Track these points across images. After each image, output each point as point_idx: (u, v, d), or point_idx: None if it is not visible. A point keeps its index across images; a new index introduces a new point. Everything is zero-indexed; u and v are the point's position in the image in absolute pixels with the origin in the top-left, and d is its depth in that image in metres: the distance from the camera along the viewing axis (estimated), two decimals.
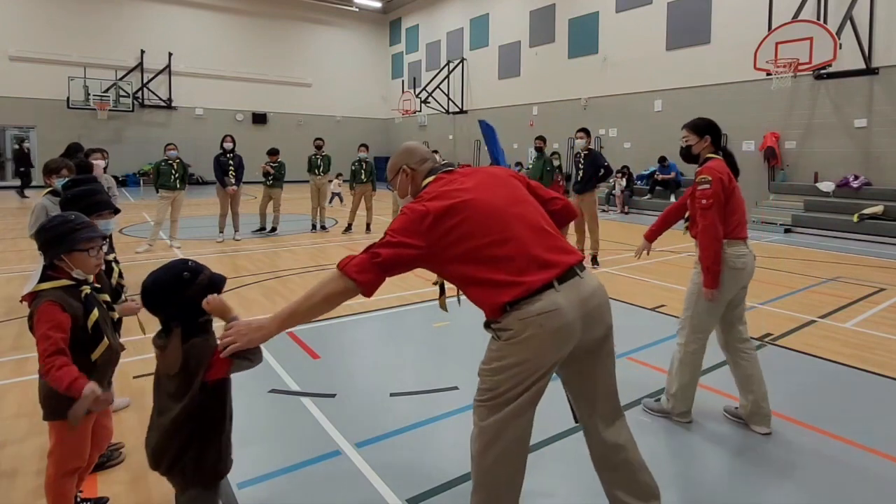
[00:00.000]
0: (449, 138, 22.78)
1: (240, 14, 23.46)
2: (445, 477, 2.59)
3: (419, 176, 2.13)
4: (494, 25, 20.58)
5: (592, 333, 1.90)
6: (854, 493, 2.51)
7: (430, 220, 1.83)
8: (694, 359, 3.07)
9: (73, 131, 18.54)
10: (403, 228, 1.86)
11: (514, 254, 1.82)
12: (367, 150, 10.61)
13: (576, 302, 1.81)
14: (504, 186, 2.00)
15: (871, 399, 3.51)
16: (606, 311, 1.95)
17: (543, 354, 1.78)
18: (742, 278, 3.01)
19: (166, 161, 8.55)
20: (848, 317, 5.26)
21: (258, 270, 7.12)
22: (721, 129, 3.18)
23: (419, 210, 1.87)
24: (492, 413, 1.84)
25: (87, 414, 2.09)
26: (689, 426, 3.12)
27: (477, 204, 1.87)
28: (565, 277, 1.83)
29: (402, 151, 2.18)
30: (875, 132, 11.08)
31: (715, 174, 2.94)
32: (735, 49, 12.81)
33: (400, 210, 1.98)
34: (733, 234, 3.00)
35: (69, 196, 2.56)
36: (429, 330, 4.88)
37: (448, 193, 1.91)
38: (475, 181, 1.97)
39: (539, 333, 1.75)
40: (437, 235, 1.84)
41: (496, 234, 1.83)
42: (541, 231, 1.91)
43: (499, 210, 1.88)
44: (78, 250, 2.04)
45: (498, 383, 1.84)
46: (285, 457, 2.76)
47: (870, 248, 9.33)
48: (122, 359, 3.69)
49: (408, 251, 1.84)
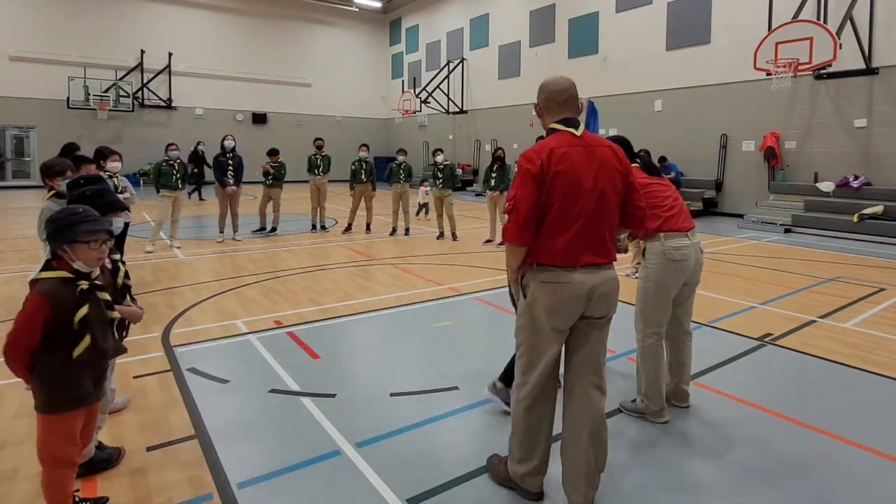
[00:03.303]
0: (449, 138, 22.79)
1: (240, 14, 23.46)
2: (445, 477, 2.59)
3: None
4: (494, 25, 20.59)
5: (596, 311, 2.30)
6: (854, 493, 2.51)
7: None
8: (653, 352, 3.13)
9: (73, 131, 18.56)
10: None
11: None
12: (367, 150, 10.60)
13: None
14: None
15: (871, 399, 3.50)
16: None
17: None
18: (684, 270, 3.06)
19: (167, 161, 8.55)
20: (848, 317, 5.26)
21: (258, 270, 7.12)
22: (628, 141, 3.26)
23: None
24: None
25: (74, 411, 2.13)
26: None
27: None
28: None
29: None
30: (875, 132, 11.08)
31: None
32: (735, 49, 12.82)
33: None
34: (667, 227, 3.05)
35: (85, 193, 2.54)
36: (429, 330, 4.88)
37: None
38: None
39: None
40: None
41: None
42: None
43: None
44: (79, 242, 2.08)
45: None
46: (285, 457, 2.76)
47: (870, 248, 9.32)
48: (122, 359, 3.70)
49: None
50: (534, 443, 2.40)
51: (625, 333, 4.72)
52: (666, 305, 3.11)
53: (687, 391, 3.34)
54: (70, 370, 2.08)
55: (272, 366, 3.93)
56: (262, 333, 4.65)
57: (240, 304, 5.53)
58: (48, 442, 2.11)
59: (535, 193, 2.22)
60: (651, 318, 3.13)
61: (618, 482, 2.58)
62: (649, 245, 3.13)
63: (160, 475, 2.58)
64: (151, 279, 6.58)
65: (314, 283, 6.50)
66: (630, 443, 2.94)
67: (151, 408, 3.28)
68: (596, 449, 2.32)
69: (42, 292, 2.02)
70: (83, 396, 2.14)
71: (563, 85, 2.38)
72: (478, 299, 5.75)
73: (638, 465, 2.72)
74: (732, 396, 3.47)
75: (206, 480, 2.55)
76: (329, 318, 5.10)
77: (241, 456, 2.78)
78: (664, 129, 14.46)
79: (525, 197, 2.22)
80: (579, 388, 2.35)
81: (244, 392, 3.53)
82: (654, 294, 3.09)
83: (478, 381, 3.60)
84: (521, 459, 2.41)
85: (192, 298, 5.74)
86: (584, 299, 2.26)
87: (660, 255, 3.05)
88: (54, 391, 2.08)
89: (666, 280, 3.05)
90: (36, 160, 19.13)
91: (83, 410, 2.17)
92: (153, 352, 4.20)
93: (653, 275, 3.09)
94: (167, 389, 3.54)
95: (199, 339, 4.50)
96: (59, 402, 2.09)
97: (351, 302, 5.64)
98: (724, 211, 13.57)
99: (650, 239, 3.12)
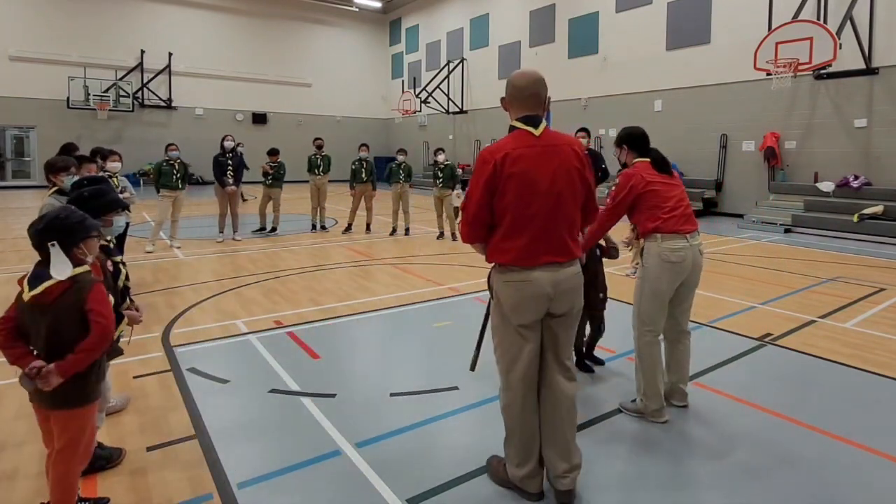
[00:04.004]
0: (449, 138, 22.78)
1: (240, 14, 23.46)
2: (445, 477, 2.59)
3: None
4: (494, 25, 20.58)
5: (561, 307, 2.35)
6: (854, 493, 2.51)
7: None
8: (650, 351, 3.14)
9: (73, 131, 18.56)
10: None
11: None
12: (367, 150, 10.60)
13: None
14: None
15: (871, 399, 3.50)
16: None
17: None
18: (681, 272, 3.07)
19: (168, 161, 8.55)
20: (848, 317, 5.26)
21: (258, 270, 7.12)
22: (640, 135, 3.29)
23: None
24: None
25: (92, 404, 2.18)
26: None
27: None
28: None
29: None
30: (875, 132, 11.08)
31: (624, 178, 3.18)
32: (735, 49, 12.81)
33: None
34: (666, 229, 3.05)
35: (83, 195, 2.54)
36: (429, 330, 4.88)
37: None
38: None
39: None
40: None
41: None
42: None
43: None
44: (92, 236, 2.19)
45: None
46: (285, 457, 2.76)
47: (870, 248, 9.32)
48: (123, 359, 3.70)
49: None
50: (529, 445, 2.42)
51: (624, 333, 4.73)
52: (661, 305, 3.13)
53: (685, 390, 3.35)
54: (104, 360, 2.23)
55: (272, 366, 3.93)
56: (262, 333, 4.65)
57: (240, 304, 5.53)
58: (88, 433, 2.18)
59: (484, 195, 2.26)
60: (647, 318, 3.15)
61: (616, 480, 2.58)
62: (647, 245, 3.15)
63: (160, 475, 2.58)
64: (151, 279, 6.58)
65: (314, 283, 6.50)
66: (629, 442, 2.94)
67: (151, 408, 3.28)
68: (567, 427, 2.41)
69: (99, 282, 2.16)
70: (101, 380, 2.25)
71: (524, 82, 2.34)
72: (478, 299, 5.75)
73: (636, 465, 2.72)
74: (732, 396, 3.47)
75: (206, 480, 2.55)
76: (329, 318, 5.10)
77: (241, 456, 2.78)
78: (664, 129, 14.45)
79: (474, 197, 2.28)
80: (550, 379, 2.41)
81: (244, 392, 3.53)
82: (650, 294, 3.11)
83: (478, 381, 3.60)
84: (520, 463, 2.42)
85: (192, 298, 5.73)
86: (546, 297, 2.29)
87: (656, 257, 3.07)
88: (93, 381, 2.16)
89: (661, 281, 3.07)
90: (36, 160, 19.15)
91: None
92: (153, 352, 4.20)
93: (649, 275, 3.11)
94: (167, 389, 3.54)
95: (199, 339, 4.50)
96: (96, 388, 2.19)
97: (351, 302, 5.64)
98: (724, 211, 13.57)
99: (648, 239, 3.13)
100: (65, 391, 2.06)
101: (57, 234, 2.09)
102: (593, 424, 3.13)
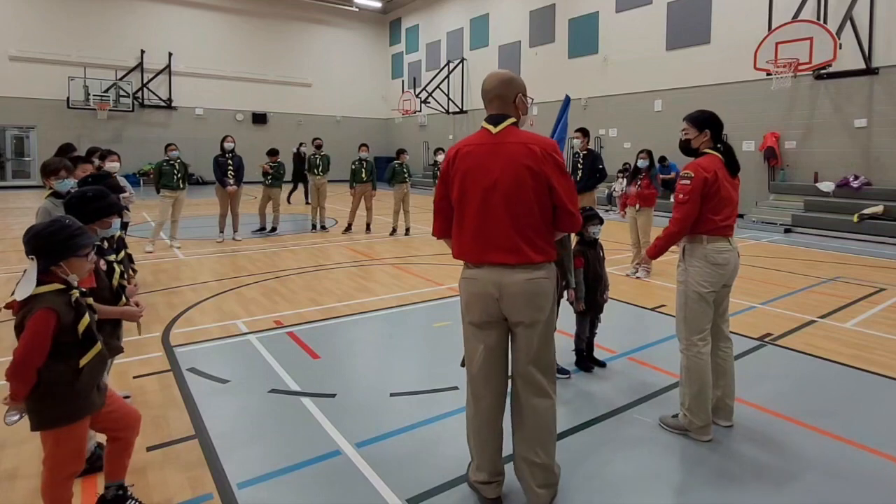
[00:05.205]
0: (449, 138, 22.77)
1: (240, 14, 23.46)
2: (445, 477, 2.59)
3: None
4: (494, 25, 20.58)
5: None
6: (854, 493, 2.51)
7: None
8: (700, 362, 2.94)
9: (73, 131, 18.58)
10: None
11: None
12: (367, 150, 10.61)
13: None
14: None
15: (871, 399, 3.51)
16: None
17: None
18: (725, 274, 2.99)
19: (168, 161, 8.55)
20: (848, 317, 5.26)
21: (258, 270, 7.12)
22: (723, 124, 3.16)
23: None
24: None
25: (83, 420, 2.08)
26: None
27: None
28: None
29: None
30: (875, 132, 11.08)
31: (699, 171, 2.93)
32: (735, 49, 12.81)
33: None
34: (718, 231, 2.95)
35: (86, 194, 2.53)
36: (429, 330, 4.88)
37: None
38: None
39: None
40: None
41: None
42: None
43: None
44: (77, 256, 2.05)
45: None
46: (285, 457, 2.76)
47: (870, 248, 9.32)
48: (123, 358, 3.70)
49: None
50: (482, 451, 2.35)
51: (623, 333, 4.73)
52: (708, 309, 2.97)
53: (731, 407, 3.10)
54: (77, 380, 2.03)
55: (272, 366, 3.93)
56: (262, 333, 4.65)
57: (240, 304, 5.53)
58: (59, 457, 2.05)
59: (440, 189, 2.39)
60: (694, 324, 2.95)
61: (614, 479, 2.58)
62: (689, 247, 3.01)
63: (160, 475, 2.58)
64: (151, 279, 6.58)
65: (314, 283, 6.50)
66: (625, 440, 2.94)
67: (151, 408, 3.28)
68: (538, 444, 2.28)
69: (47, 307, 1.97)
70: (91, 404, 2.10)
71: (489, 84, 2.36)
72: None
73: (635, 464, 2.72)
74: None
75: (206, 480, 2.55)
76: (329, 318, 5.10)
77: (241, 456, 2.78)
78: (664, 129, 14.43)
79: (436, 190, 2.44)
80: (517, 391, 2.33)
81: (244, 392, 3.53)
82: (696, 298, 2.93)
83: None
84: (477, 467, 2.38)
85: (193, 298, 5.74)
86: (491, 297, 2.24)
87: (701, 259, 2.94)
88: (62, 403, 2.02)
89: (707, 283, 2.93)
90: (36, 160, 19.12)
91: (88, 418, 2.13)
92: (153, 352, 4.20)
93: (693, 278, 2.95)
94: (167, 389, 3.54)
95: (199, 339, 4.50)
96: (68, 413, 2.03)
97: (351, 302, 5.64)
98: None
99: (692, 241, 3.00)
100: (32, 412, 2.02)
101: (36, 251, 2.02)
102: (593, 424, 3.13)
